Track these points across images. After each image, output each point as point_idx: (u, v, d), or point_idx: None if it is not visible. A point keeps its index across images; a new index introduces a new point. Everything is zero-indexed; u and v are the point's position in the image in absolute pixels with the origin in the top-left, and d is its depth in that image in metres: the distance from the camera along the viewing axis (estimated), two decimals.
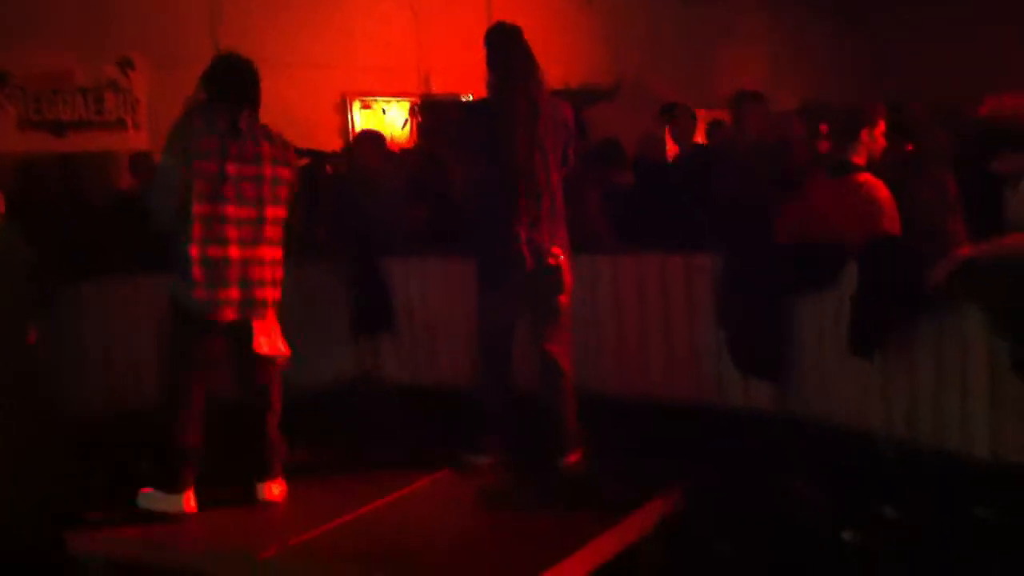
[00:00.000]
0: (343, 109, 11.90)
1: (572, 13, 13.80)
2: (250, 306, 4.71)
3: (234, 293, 4.66)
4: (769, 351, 5.58)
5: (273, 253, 4.76)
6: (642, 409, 6.04)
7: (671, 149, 11.26)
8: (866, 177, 5.28)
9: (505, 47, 5.21)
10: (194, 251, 4.55)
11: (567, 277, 5.24)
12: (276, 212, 4.74)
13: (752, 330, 5.64)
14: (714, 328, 5.84)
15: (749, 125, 7.03)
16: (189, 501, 4.72)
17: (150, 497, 4.72)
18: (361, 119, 11.84)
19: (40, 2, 9.07)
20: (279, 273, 4.80)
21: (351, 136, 11.81)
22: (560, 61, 13.49)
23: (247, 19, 10.51)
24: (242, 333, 4.72)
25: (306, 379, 6.97)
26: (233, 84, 4.79)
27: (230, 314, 4.65)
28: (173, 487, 4.68)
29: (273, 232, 4.75)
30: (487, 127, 5.17)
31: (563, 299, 5.25)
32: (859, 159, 5.35)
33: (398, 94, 11.75)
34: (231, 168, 4.58)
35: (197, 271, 4.55)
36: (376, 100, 11.81)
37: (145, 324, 6.47)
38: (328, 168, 8.45)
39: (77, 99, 8.93)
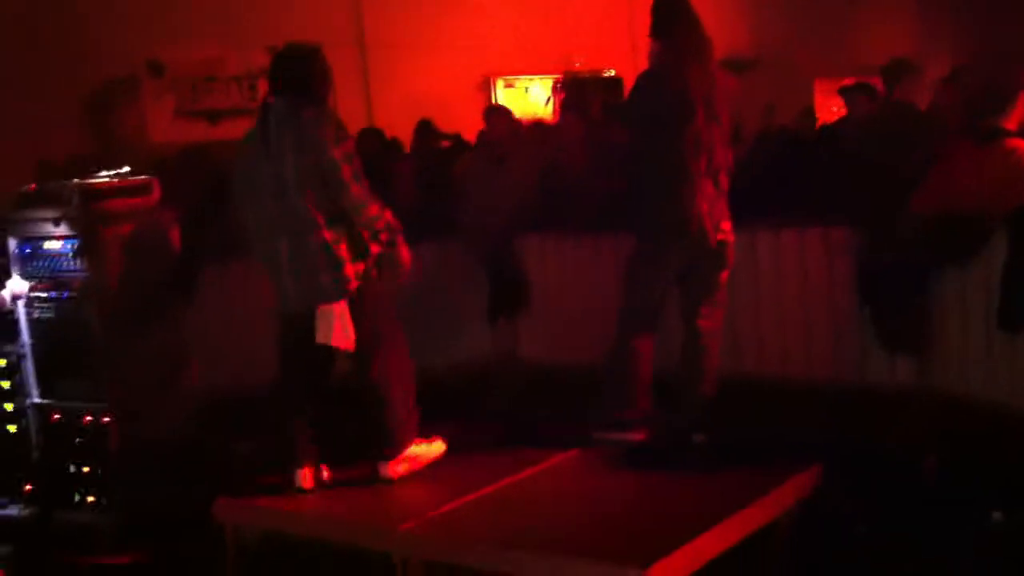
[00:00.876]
0: (486, 88, 12.02)
1: None
2: (300, 296, 4.64)
3: (289, 286, 4.67)
4: (914, 325, 5.42)
5: (312, 239, 4.57)
6: (780, 387, 5.95)
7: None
8: (1017, 143, 5.05)
9: (673, 15, 5.03)
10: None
11: (731, 255, 5.15)
12: (310, 198, 4.55)
13: (896, 304, 5.49)
14: (854, 303, 5.69)
15: (903, 95, 6.74)
16: (306, 477, 4.81)
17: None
18: (505, 98, 11.93)
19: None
20: (333, 254, 4.57)
21: None
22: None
23: (390, 3, 10.71)
24: (310, 322, 4.66)
25: (443, 358, 7.16)
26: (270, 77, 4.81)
27: (292, 305, 4.68)
28: (292, 463, 4.82)
29: (309, 219, 4.55)
30: (662, 99, 4.98)
31: (724, 275, 5.15)
32: (1010, 124, 5.12)
33: (541, 72, 11.78)
34: (265, 164, 4.59)
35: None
36: (519, 79, 11.88)
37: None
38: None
39: (231, 87, 9.25)
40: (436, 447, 4.89)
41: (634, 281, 5.23)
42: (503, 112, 8.22)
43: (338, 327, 4.59)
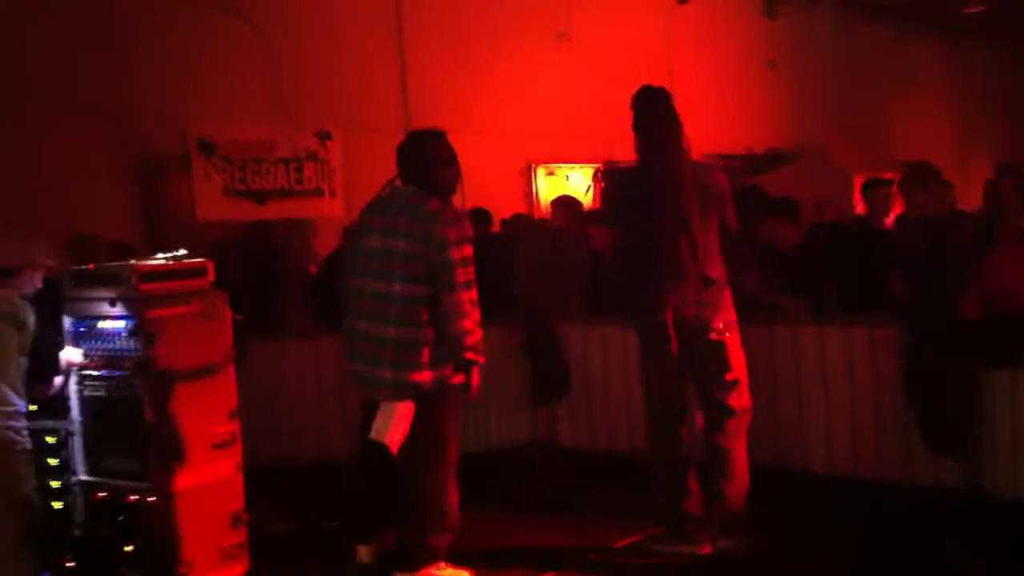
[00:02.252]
0: (527, 175, 12.14)
1: (754, 78, 13.73)
2: (368, 384, 4.65)
3: (357, 368, 4.68)
4: (960, 428, 5.37)
5: (392, 332, 4.54)
6: (823, 484, 5.90)
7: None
8: None
9: (646, 111, 4.95)
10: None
11: (734, 355, 4.95)
12: (405, 289, 4.53)
13: (943, 406, 5.45)
14: (899, 402, 5.66)
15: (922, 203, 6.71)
16: (370, 554, 4.84)
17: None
18: (545, 185, 12.05)
19: (244, 78, 9.63)
20: (407, 354, 4.53)
21: (534, 201, 12.06)
22: (743, 126, 13.48)
23: (436, 89, 10.89)
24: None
25: (481, 440, 7.17)
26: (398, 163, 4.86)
27: (355, 388, 4.73)
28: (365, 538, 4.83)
29: (399, 310, 4.53)
30: (628, 196, 4.96)
31: (731, 377, 4.94)
32: None
33: (582, 160, 11.91)
34: (374, 241, 4.66)
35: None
36: (560, 166, 12.00)
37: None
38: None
39: (279, 169, 9.39)
40: (462, 575, 4.82)
41: (644, 376, 5.16)
42: (570, 203, 8.20)
43: (394, 427, 4.58)
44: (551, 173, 12.01)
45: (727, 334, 4.90)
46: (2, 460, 4.39)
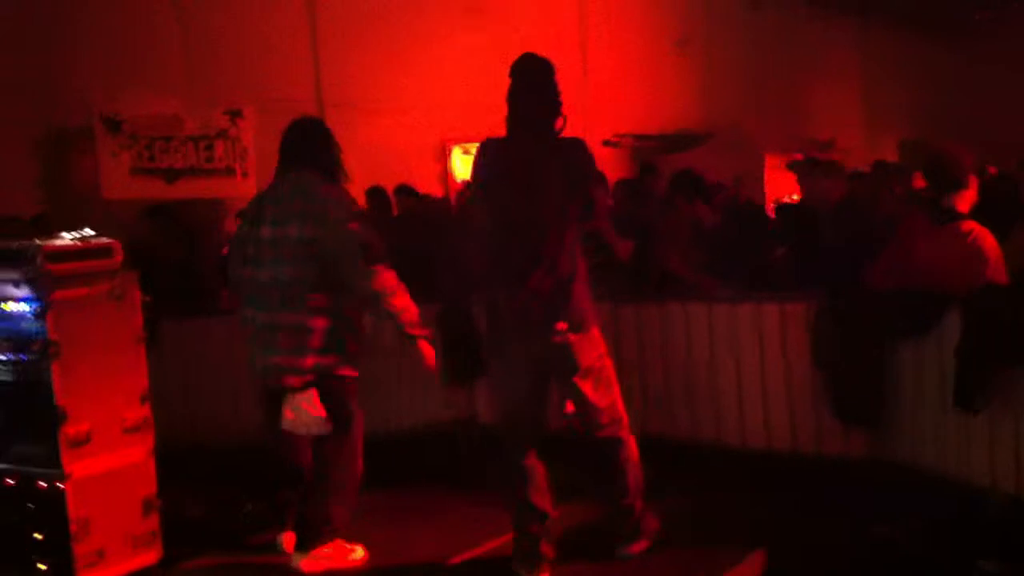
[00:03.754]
0: (442, 155, 12.10)
1: (666, 58, 13.85)
2: (274, 373, 4.60)
3: (258, 360, 4.65)
4: (868, 397, 5.50)
5: (286, 317, 4.51)
6: (739, 458, 6.01)
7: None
8: (972, 225, 5.18)
9: (517, 81, 4.46)
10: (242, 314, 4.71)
11: (582, 356, 4.40)
12: (304, 274, 4.50)
13: (851, 376, 5.57)
14: (810, 375, 5.77)
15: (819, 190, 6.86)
16: (288, 541, 4.85)
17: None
18: (461, 164, 12.01)
19: (151, 53, 9.44)
20: (299, 339, 4.51)
21: (450, 180, 12.02)
22: (655, 105, 13.60)
23: (349, 68, 10.80)
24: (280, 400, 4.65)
25: (402, 421, 7.14)
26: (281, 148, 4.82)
27: (259, 378, 4.68)
28: (278, 527, 4.81)
29: (285, 294, 4.50)
30: (489, 172, 4.50)
31: (579, 380, 4.41)
32: (963, 207, 5.25)
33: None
34: (265, 231, 4.60)
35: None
36: (475, 145, 11.97)
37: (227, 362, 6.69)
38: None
39: (188, 147, 9.23)
40: (357, 554, 4.82)
41: (491, 378, 4.75)
42: None
43: (309, 414, 4.56)
44: (467, 152, 11.98)
45: (570, 336, 4.33)
46: None
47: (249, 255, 4.64)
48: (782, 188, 11.65)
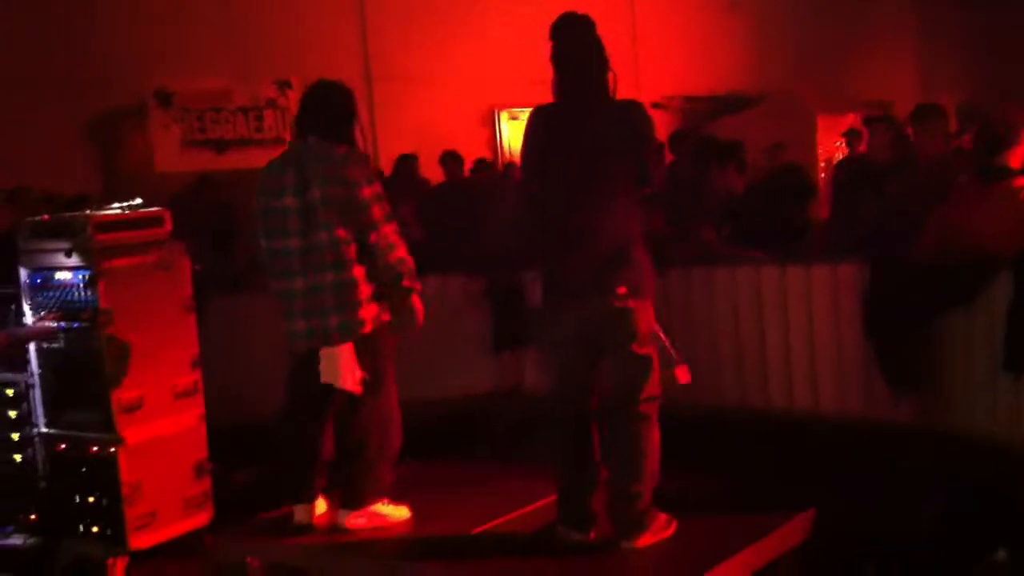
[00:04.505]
0: (491, 121, 12.09)
1: (717, 20, 13.69)
2: (314, 335, 4.62)
3: (299, 325, 4.65)
4: (917, 363, 5.45)
5: (330, 277, 4.54)
6: (786, 423, 5.97)
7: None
8: (1022, 182, 5.09)
9: (562, 42, 4.31)
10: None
11: (641, 323, 4.23)
12: (330, 235, 4.53)
13: (901, 342, 5.51)
14: (860, 341, 5.72)
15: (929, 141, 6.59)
16: (316, 511, 4.81)
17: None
18: (509, 130, 11.99)
19: (201, 27, 9.51)
20: (349, 295, 4.54)
21: (499, 147, 12.02)
22: (707, 67, 13.46)
23: (395, 37, 10.80)
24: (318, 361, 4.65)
25: (447, 390, 7.19)
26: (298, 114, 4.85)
27: (299, 345, 4.68)
28: (298, 498, 4.85)
29: (325, 257, 4.53)
30: (540, 140, 4.37)
31: (637, 349, 4.25)
32: (1015, 163, 5.15)
33: None
34: (289, 201, 4.60)
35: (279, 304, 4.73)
36: (524, 111, 11.94)
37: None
38: None
39: (238, 118, 9.30)
40: (401, 512, 4.81)
41: (537, 353, 4.74)
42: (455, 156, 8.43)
43: (345, 369, 4.59)
44: (515, 118, 11.95)
45: (629, 300, 4.19)
46: None
47: (274, 227, 4.66)
48: (834, 150, 11.49)
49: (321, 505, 4.80)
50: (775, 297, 6.12)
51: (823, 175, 11.05)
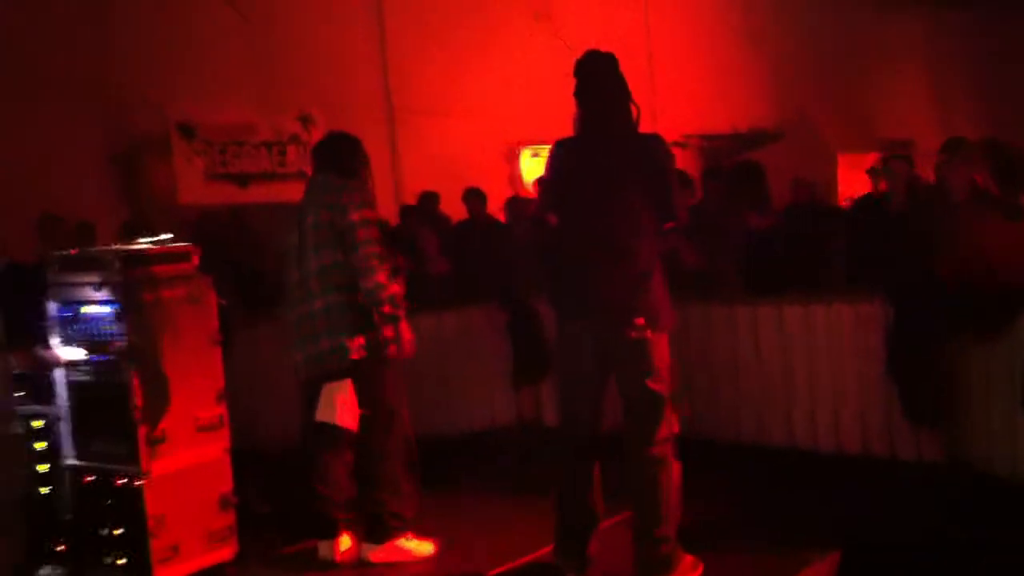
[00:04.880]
0: (512, 157, 12.14)
1: (736, 55, 13.74)
2: (310, 362, 4.75)
3: (298, 355, 4.80)
4: (937, 398, 5.44)
5: (320, 304, 4.69)
6: (809, 461, 5.97)
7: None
8: None
9: (586, 78, 4.41)
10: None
11: (656, 356, 4.23)
12: (320, 260, 4.70)
13: (920, 377, 5.51)
14: (882, 377, 5.71)
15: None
16: (339, 547, 4.85)
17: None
18: (530, 167, 12.03)
19: (223, 61, 9.60)
20: (337, 320, 4.65)
21: (519, 184, 12.06)
22: (725, 104, 13.50)
23: (417, 73, 10.88)
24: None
25: (469, 422, 7.20)
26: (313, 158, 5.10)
27: (301, 373, 4.81)
28: (323, 533, 4.86)
29: (320, 281, 4.69)
30: (563, 172, 4.45)
31: (652, 385, 4.23)
32: None
33: None
34: (295, 235, 4.82)
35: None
36: (544, 147, 11.96)
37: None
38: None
39: (261, 152, 9.38)
40: (424, 547, 4.85)
41: (558, 384, 4.59)
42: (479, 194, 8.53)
43: (340, 405, 4.63)
44: (536, 155, 12.00)
45: (647, 332, 4.20)
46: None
47: (291, 258, 4.78)
48: (856, 188, 11.50)
49: (346, 541, 4.82)
50: (800, 333, 6.13)
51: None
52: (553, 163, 4.52)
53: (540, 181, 8.54)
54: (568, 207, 4.43)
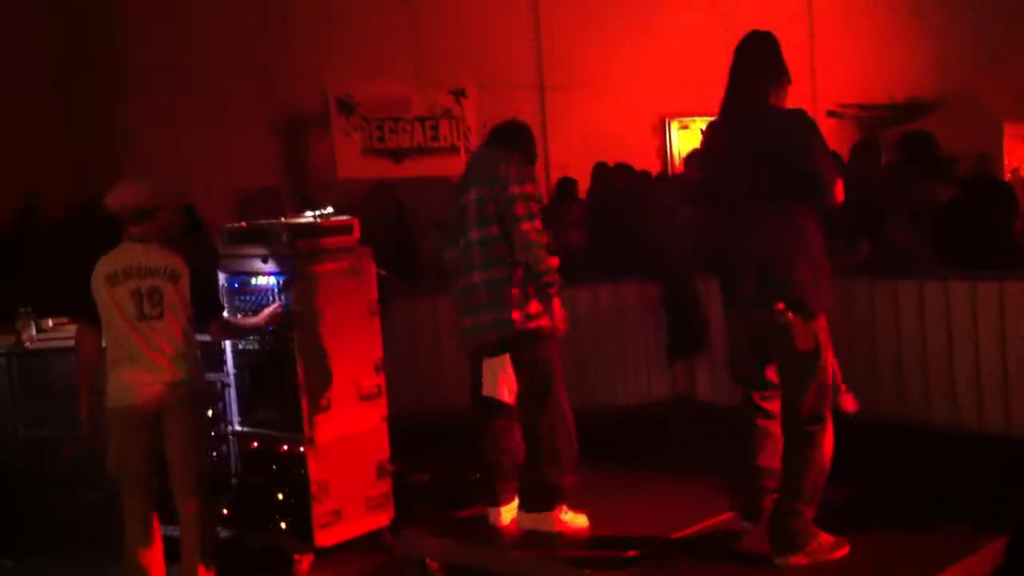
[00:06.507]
0: (661, 129, 12.04)
1: (901, 28, 13.28)
2: (472, 332, 4.77)
3: (467, 321, 4.80)
4: None
5: (482, 275, 4.69)
6: (974, 442, 5.77)
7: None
8: None
9: (734, 59, 4.35)
10: None
11: (800, 340, 4.15)
12: (482, 233, 4.71)
13: None
14: None
15: None
16: (502, 516, 4.89)
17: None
18: (679, 139, 11.92)
19: (380, 38, 9.77)
20: (499, 293, 4.65)
21: (669, 156, 11.96)
22: (884, 74, 13.06)
23: (568, 47, 10.87)
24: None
25: (624, 397, 7.19)
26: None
27: (466, 342, 4.83)
28: (491, 500, 4.93)
29: (482, 254, 4.70)
30: (706, 153, 4.58)
31: (798, 365, 4.20)
32: None
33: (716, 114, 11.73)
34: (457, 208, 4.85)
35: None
36: (694, 120, 11.85)
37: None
38: None
39: (415, 127, 9.53)
40: (579, 520, 4.85)
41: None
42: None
43: (502, 380, 4.68)
44: (685, 127, 11.88)
45: (789, 315, 4.12)
46: (200, 406, 4.70)
47: (452, 232, 4.84)
48: (1022, 158, 11.03)
49: (511, 509, 4.88)
50: (965, 313, 5.92)
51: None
52: (703, 145, 4.63)
53: (689, 157, 8.45)
54: (714, 190, 4.44)
